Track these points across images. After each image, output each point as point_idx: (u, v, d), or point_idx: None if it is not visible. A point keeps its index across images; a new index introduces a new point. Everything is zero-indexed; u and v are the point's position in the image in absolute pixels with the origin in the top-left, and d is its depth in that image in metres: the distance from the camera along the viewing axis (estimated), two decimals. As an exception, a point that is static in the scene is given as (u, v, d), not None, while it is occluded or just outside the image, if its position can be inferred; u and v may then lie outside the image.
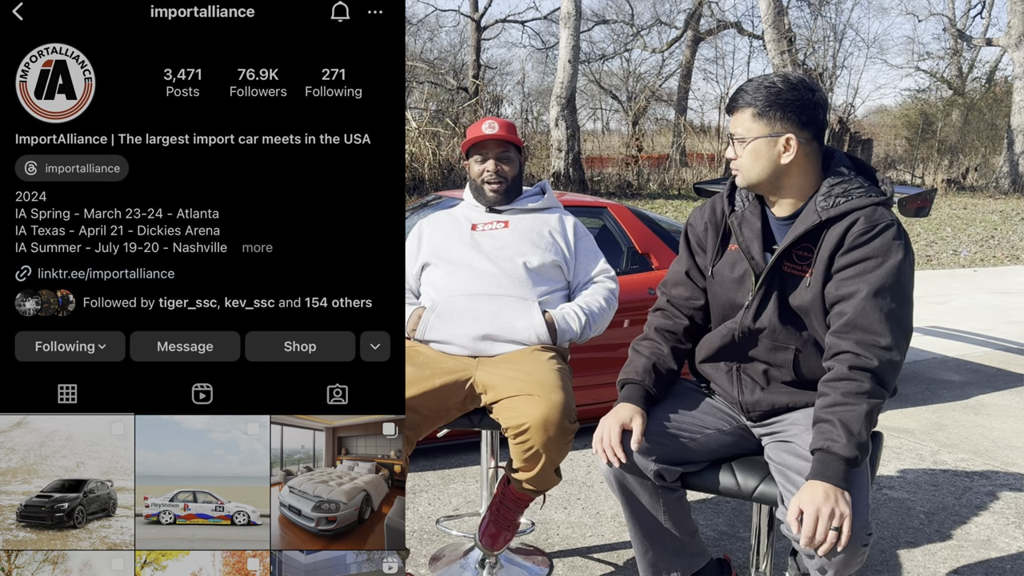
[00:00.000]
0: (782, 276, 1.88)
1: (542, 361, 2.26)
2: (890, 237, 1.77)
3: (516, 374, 2.21)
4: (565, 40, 15.49)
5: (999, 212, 15.16)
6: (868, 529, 1.65)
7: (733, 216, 1.97)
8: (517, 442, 2.14)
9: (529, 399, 2.13)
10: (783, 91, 1.82)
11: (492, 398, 2.23)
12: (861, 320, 1.73)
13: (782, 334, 1.88)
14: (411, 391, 2.18)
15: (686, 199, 15.22)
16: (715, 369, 2.03)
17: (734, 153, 1.89)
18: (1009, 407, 4.30)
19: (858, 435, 1.66)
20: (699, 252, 2.06)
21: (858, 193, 1.83)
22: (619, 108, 30.06)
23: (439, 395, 2.22)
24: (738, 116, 1.87)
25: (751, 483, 1.88)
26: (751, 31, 26.09)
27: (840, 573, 1.68)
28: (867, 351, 1.71)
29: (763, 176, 1.87)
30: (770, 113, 1.82)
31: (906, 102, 27.26)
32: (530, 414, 2.10)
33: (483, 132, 2.48)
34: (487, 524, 2.36)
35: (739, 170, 1.89)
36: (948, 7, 27.17)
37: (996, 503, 3.08)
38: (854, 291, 1.75)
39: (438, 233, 2.55)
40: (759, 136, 1.84)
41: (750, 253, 1.91)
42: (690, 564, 2.05)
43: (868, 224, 1.78)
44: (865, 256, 1.77)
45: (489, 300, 2.38)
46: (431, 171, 13.38)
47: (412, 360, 2.32)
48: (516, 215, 2.56)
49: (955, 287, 8.15)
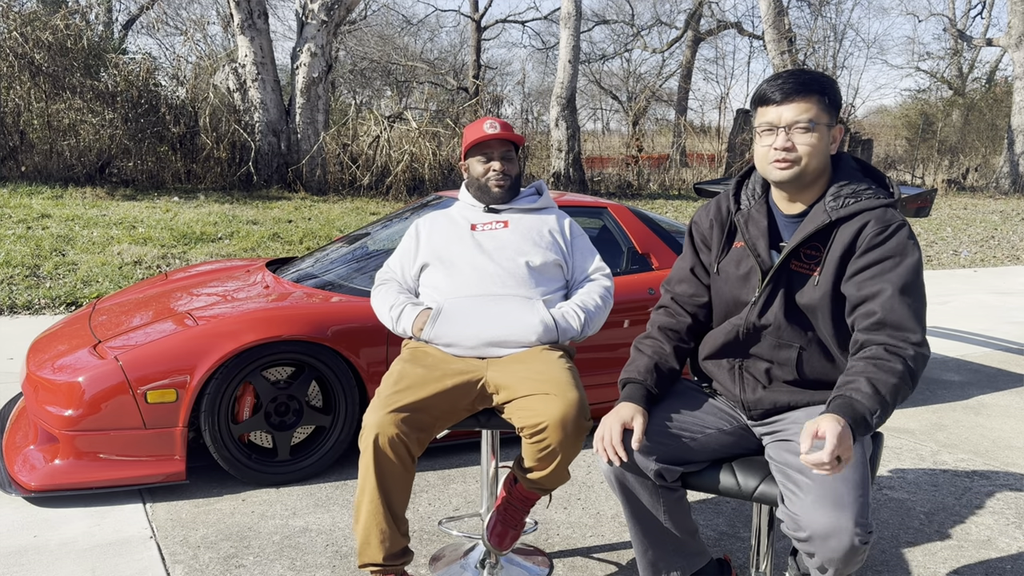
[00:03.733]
0: (789, 274, 1.89)
1: (553, 360, 2.28)
2: (905, 236, 1.80)
3: (529, 374, 2.22)
4: (565, 40, 15.48)
5: (999, 212, 15.15)
6: (869, 528, 1.65)
7: (739, 214, 1.98)
8: (533, 441, 2.15)
9: (546, 398, 2.14)
10: (834, 83, 1.87)
11: (505, 398, 2.24)
12: (891, 317, 1.75)
13: (787, 332, 1.89)
14: (423, 392, 2.18)
15: (686, 199, 15.21)
16: (717, 366, 2.03)
17: (787, 141, 1.82)
18: (1009, 407, 4.30)
19: (882, 398, 1.66)
20: (703, 249, 2.06)
21: (867, 195, 1.85)
22: (619, 108, 30.04)
23: (450, 396, 2.22)
24: (802, 102, 1.81)
25: (751, 483, 1.88)
26: (751, 31, 26.08)
27: (840, 572, 1.68)
28: (901, 342, 1.74)
29: (820, 167, 1.86)
30: (834, 102, 1.84)
31: (906, 102, 27.26)
32: (548, 413, 2.11)
33: (486, 132, 2.49)
34: (495, 524, 2.36)
35: (798, 159, 1.83)
36: (948, 7, 27.19)
37: (996, 503, 3.08)
38: (879, 290, 1.77)
39: (437, 234, 2.55)
40: (825, 124, 1.83)
41: (756, 250, 1.91)
42: (690, 564, 2.05)
43: (881, 225, 1.80)
44: (884, 256, 1.79)
45: (495, 301, 2.38)
46: (431, 171, 13.38)
47: (420, 361, 2.31)
48: (515, 215, 2.57)
49: (955, 287, 8.15)
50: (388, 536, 2.14)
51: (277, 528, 2.76)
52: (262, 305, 3.22)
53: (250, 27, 12.73)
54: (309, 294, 3.44)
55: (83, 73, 12.01)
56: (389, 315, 2.47)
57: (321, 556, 2.58)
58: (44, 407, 2.93)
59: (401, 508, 2.16)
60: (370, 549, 2.14)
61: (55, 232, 7.99)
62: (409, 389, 2.18)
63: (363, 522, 2.14)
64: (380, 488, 2.11)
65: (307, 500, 2.98)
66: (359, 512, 2.15)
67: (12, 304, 5.77)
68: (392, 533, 2.14)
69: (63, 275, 6.54)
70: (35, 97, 11.86)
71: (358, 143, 13.75)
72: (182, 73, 13.53)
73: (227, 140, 12.75)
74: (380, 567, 2.16)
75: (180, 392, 2.91)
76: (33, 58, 11.61)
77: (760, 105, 1.87)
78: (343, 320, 3.15)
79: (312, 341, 3.06)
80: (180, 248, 7.78)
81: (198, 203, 10.69)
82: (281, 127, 13.06)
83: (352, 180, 13.28)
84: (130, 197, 10.85)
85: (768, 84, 1.86)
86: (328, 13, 12.93)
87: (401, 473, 2.13)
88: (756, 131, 1.90)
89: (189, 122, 12.62)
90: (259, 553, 2.59)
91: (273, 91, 12.97)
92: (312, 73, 13.01)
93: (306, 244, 8.31)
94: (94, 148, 12.00)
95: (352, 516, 2.09)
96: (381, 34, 26.56)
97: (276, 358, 3.04)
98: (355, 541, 2.15)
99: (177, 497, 2.97)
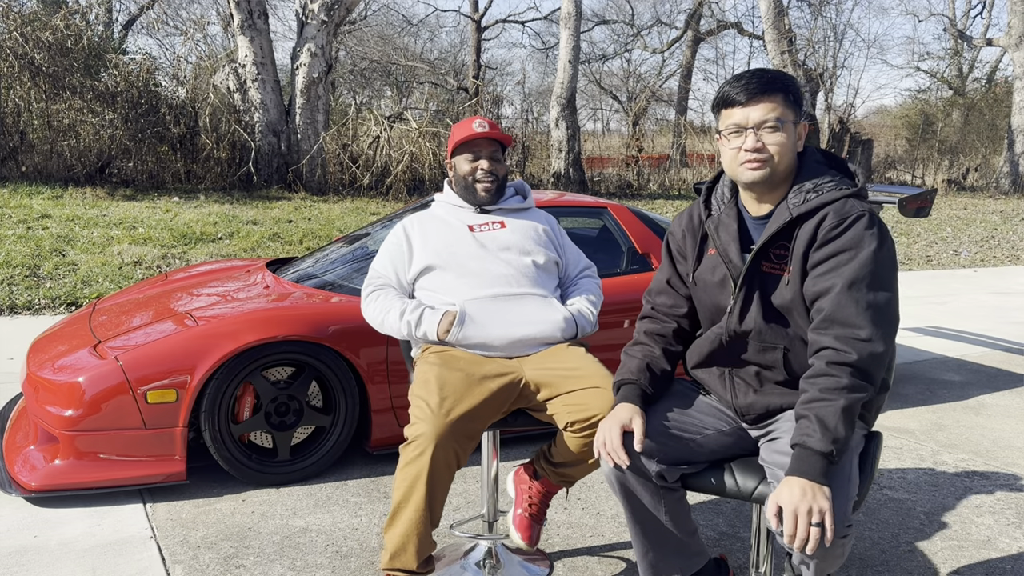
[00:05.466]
0: (762, 276, 1.87)
1: (582, 355, 2.32)
2: (861, 228, 1.76)
3: (568, 371, 2.26)
4: (565, 40, 15.49)
5: (999, 212, 15.15)
6: (847, 521, 1.65)
7: (710, 220, 1.96)
8: (584, 434, 2.18)
9: (596, 392, 2.18)
10: (794, 80, 1.86)
11: (548, 394, 2.26)
12: (838, 314, 1.73)
13: (768, 334, 1.88)
14: (473, 400, 2.17)
15: (686, 199, 15.21)
16: (708, 374, 2.03)
17: (757, 142, 1.81)
18: (1009, 407, 4.30)
19: (834, 430, 1.65)
20: (680, 260, 2.06)
21: (828, 187, 1.83)
22: (619, 108, 30.05)
23: (496, 399, 2.23)
24: (767, 101, 1.81)
25: (750, 484, 1.89)
26: (751, 31, 26.08)
27: (821, 567, 1.68)
28: (846, 345, 1.71)
29: (789, 165, 1.85)
30: (797, 99, 1.84)
31: (906, 102, 27.27)
32: (600, 406, 2.15)
33: (475, 131, 2.49)
34: (524, 520, 2.41)
35: (770, 159, 1.82)
36: (948, 7, 27.19)
37: (996, 503, 3.08)
38: (830, 286, 1.75)
39: (433, 236, 2.53)
40: (791, 121, 1.83)
41: (728, 256, 1.90)
42: (690, 564, 2.05)
43: (838, 218, 1.78)
44: (838, 250, 1.76)
45: (515, 300, 2.41)
46: (431, 171, 13.39)
47: (453, 365, 2.28)
48: (508, 216, 2.59)
49: (955, 287, 8.15)
50: (427, 544, 2.15)
51: (277, 528, 2.76)
52: (262, 305, 3.22)
53: (250, 27, 12.73)
54: (309, 294, 3.44)
55: (83, 73, 12.02)
56: (403, 321, 2.40)
57: (321, 556, 2.58)
58: (44, 407, 2.93)
59: (439, 516, 2.18)
60: (405, 556, 2.14)
61: (55, 232, 8.00)
62: (456, 396, 2.16)
63: (403, 529, 2.13)
64: (428, 498, 2.11)
65: (307, 500, 2.98)
66: (399, 518, 2.13)
67: (12, 304, 5.77)
68: (429, 542, 2.16)
69: (63, 275, 6.54)
70: (35, 97, 11.86)
71: (358, 143, 13.75)
72: (182, 73, 13.54)
73: (227, 140, 12.75)
74: (412, 574, 2.16)
75: (180, 392, 2.91)
76: (33, 58, 11.62)
77: (724, 107, 1.86)
78: (343, 320, 3.15)
79: (312, 341, 3.06)
80: (180, 248, 7.78)
81: (198, 203, 10.69)
82: (281, 127, 13.06)
83: (352, 180, 13.29)
84: (130, 197, 10.85)
85: (731, 86, 1.85)
86: (328, 13, 12.93)
87: (449, 482, 2.15)
88: (722, 134, 1.87)
89: (189, 122, 12.62)
90: (259, 553, 2.59)
91: (273, 91, 12.97)
92: (312, 73, 13.01)
93: (306, 244, 8.31)
94: (94, 148, 12.00)
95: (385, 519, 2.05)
96: (381, 34, 26.57)
97: (276, 358, 3.04)
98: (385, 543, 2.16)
99: (177, 497, 2.97)
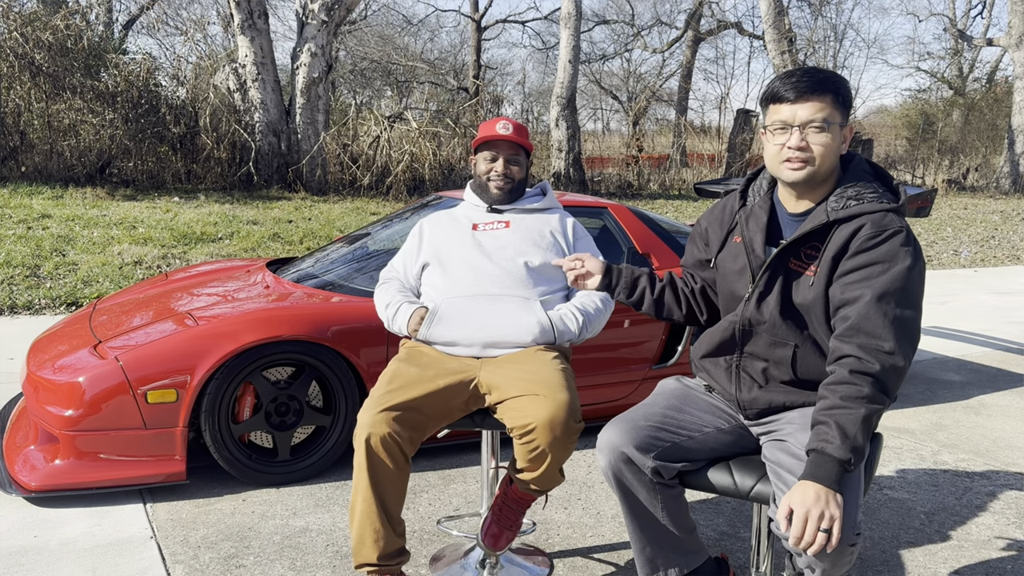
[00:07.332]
0: (786, 271, 1.88)
1: (546, 361, 2.27)
2: (898, 243, 1.76)
3: (521, 374, 2.21)
4: (565, 40, 15.48)
5: (999, 212, 15.15)
6: (856, 529, 1.65)
7: (743, 210, 1.99)
8: (523, 442, 2.14)
9: (535, 399, 2.13)
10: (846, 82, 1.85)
11: (497, 398, 2.23)
12: (865, 324, 1.73)
13: (782, 329, 1.88)
14: (415, 392, 2.18)
15: (686, 199, 15.21)
16: (715, 365, 2.04)
17: (801, 141, 1.81)
18: (1009, 407, 4.30)
19: (853, 438, 1.65)
20: (703, 246, 2.11)
21: (870, 197, 1.83)
22: (619, 108, 30.04)
23: (443, 396, 2.22)
24: (816, 101, 1.80)
25: (748, 482, 1.89)
26: (751, 31, 26.07)
27: (828, 573, 1.68)
28: (870, 355, 1.71)
29: (831, 167, 1.85)
30: (846, 101, 1.83)
31: (907, 102, 27.27)
32: (536, 414, 2.10)
33: (497, 132, 2.50)
34: (489, 524, 2.36)
35: (811, 159, 1.82)
36: (948, 7, 27.17)
37: (996, 503, 3.08)
38: (858, 295, 1.75)
39: (439, 233, 2.56)
40: (837, 123, 1.82)
41: (752, 247, 1.92)
42: (687, 561, 2.05)
43: (876, 229, 1.77)
44: (871, 261, 1.76)
45: (491, 300, 2.38)
46: (431, 171, 13.39)
47: (415, 361, 2.32)
48: (517, 215, 2.57)
49: (955, 287, 8.14)
50: (382, 536, 2.13)
51: (277, 528, 2.76)
52: (262, 305, 3.22)
53: (250, 27, 12.73)
54: (309, 294, 3.44)
55: (83, 73, 12.02)
56: (385, 313, 2.48)
57: (321, 556, 2.58)
58: (44, 407, 2.93)
59: (395, 508, 2.16)
60: (364, 549, 2.14)
61: (55, 232, 8.00)
62: (402, 388, 2.18)
63: (357, 522, 2.13)
64: (373, 487, 2.11)
65: (307, 500, 2.98)
66: (353, 512, 2.15)
67: (12, 304, 5.77)
68: (386, 533, 2.13)
69: (63, 275, 6.54)
70: (35, 97, 11.86)
71: (358, 143, 13.75)
72: (182, 73, 13.54)
73: (227, 140, 12.75)
74: (375, 567, 2.15)
75: (180, 392, 2.91)
76: (33, 58, 11.62)
77: (772, 103, 1.85)
78: (343, 320, 3.15)
79: (312, 341, 3.06)
80: (180, 248, 7.78)
81: (198, 203, 10.69)
82: (281, 127, 13.06)
83: (352, 180, 13.29)
84: (130, 197, 10.85)
85: (781, 82, 1.83)
86: (328, 13, 12.93)
87: (394, 472, 2.12)
88: (767, 129, 1.87)
89: (189, 122, 12.63)
90: (259, 553, 2.59)
91: (273, 91, 12.97)
92: (312, 73, 13.01)
93: (306, 244, 8.31)
94: (94, 148, 12.00)
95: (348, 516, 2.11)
96: (381, 34, 26.57)
97: (276, 358, 3.04)
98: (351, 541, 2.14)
99: (177, 497, 2.97)
